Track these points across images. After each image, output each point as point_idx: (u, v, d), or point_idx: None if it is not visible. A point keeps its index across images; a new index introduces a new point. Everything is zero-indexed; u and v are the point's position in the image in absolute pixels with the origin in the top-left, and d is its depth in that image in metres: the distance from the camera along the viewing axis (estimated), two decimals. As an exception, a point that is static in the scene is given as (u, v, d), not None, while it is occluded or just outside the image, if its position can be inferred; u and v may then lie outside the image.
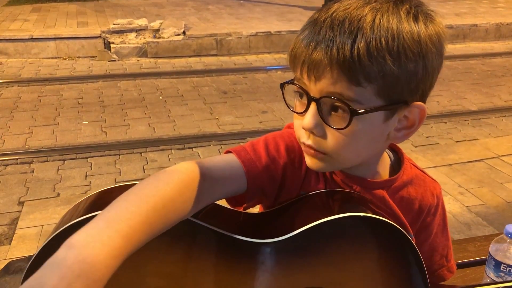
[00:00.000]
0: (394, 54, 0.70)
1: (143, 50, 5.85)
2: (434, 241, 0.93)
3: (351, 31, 0.70)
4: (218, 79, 5.24)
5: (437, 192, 0.92)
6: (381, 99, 0.73)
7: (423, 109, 0.77)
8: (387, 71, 0.70)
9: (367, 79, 0.70)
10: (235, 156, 0.80)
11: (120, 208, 0.62)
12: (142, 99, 4.60)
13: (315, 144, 0.77)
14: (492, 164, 3.40)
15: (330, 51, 0.70)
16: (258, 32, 6.15)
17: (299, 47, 0.74)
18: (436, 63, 0.76)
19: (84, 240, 0.56)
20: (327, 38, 0.70)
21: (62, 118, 4.12)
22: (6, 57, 5.73)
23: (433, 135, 3.89)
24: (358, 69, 0.69)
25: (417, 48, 0.72)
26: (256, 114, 4.27)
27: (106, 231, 0.58)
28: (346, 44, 0.69)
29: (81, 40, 5.84)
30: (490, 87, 5.08)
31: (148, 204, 0.64)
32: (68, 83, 4.99)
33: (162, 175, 0.70)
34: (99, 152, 3.54)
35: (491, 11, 7.82)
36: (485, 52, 6.40)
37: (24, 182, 3.12)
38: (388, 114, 0.75)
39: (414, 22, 0.73)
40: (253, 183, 0.80)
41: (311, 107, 0.74)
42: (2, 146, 3.61)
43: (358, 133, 0.75)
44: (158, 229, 0.65)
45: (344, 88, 0.71)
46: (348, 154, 0.78)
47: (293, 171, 0.83)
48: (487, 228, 2.66)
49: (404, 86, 0.73)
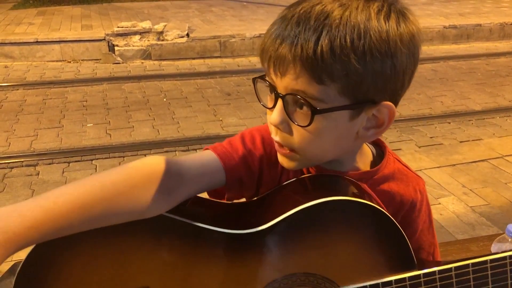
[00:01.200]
0: (359, 53, 0.68)
1: (147, 52, 5.87)
2: (420, 238, 0.92)
3: (316, 28, 0.69)
4: (222, 81, 5.26)
5: (420, 188, 0.91)
6: (345, 97, 0.72)
7: (391, 109, 0.75)
8: (351, 70, 0.69)
9: (330, 77, 0.69)
10: (212, 151, 0.81)
11: (59, 189, 0.66)
12: (146, 101, 4.62)
13: (281, 140, 0.77)
14: (496, 164, 3.39)
15: (294, 47, 0.69)
16: (262, 34, 6.15)
17: (267, 42, 0.74)
18: (408, 63, 0.74)
19: (5, 212, 0.61)
20: (292, 35, 0.70)
21: (67, 121, 4.15)
22: (12, 60, 5.77)
23: (437, 135, 3.89)
24: (321, 67, 0.68)
25: (385, 47, 0.70)
26: (259, 116, 4.28)
27: (30, 204, 0.62)
28: (310, 41, 0.68)
29: (85, 43, 5.87)
30: (494, 87, 5.07)
31: (85, 187, 0.66)
32: (73, 86, 5.02)
33: (124, 166, 0.72)
34: (104, 154, 3.55)
35: (495, 10, 7.79)
36: (489, 52, 6.38)
37: (30, 184, 3.14)
38: (353, 113, 0.74)
39: (385, 20, 0.71)
40: (231, 175, 0.81)
41: (278, 103, 0.75)
42: (7, 149, 3.63)
43: (323, 130, 0.74)
44: (96, 215, 0.66)
45: (307, 86, 0.71)
46: (314, 150, 0.77)
47: (269, 164, 0.84)
48: (491, 228, 2.66)
49: (370, 85, 0.71)
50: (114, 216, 0.68)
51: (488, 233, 2.55)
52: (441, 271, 0.77)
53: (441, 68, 5.59)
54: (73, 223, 0.65)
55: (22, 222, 0.60)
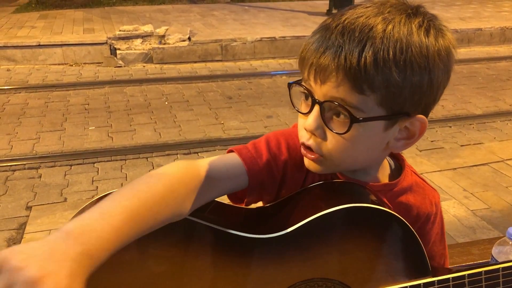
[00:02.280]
0: (400, 66, 0.71)
1: (148, 56, 5.89)
2: (432, 249, 0.94)
3: (360, 40, 0.71)
4: (223, 84, 5.27)
5: (436, 201, 0.93)
6: (383, 108, 0.74)
7: (424, 122, 0.78)
8: (392, 82, 0.71)
9: (370, 88, 0.71)
10: (237, 154, 0.82)
11: (114, 202, 0.64)
12: (148, 104, 4.64)
13: (314, 145, 0.78)
14: (497, 168, 3.40)
15: (338, 57, 0.71)
16: (263, 38, 6.18)
17: (308, 50, 0.75)
18: (442, 78, 0.77)
19: (80, 229, 0.58)
20: (336, 44, 0.72)
21: (69, 124, 4.17)
22: (14, 63, 5.79)
23: (438, 139, 3.90)
24: (363, 77, 0.70)
25: (424, 62, 0.73)
26: (261, 119, 4.29)
27: (100, 222, 0.60)
28: (354, 52, 0.70)
29: (87, 47, 5.89)
30: (495, 91, 5.08)
31: (140, 200, 0.66)
32: (75, 89, 5.04)
33: (155, 173, 0.72)
34: (106, 157, 3.57)
35: (496, 15, 7.81)
36: (490, 56, 6.40)
37: (32, 187, 3.15)
38: (388, 124, 0.76)
39: (425, 35, 0.73)
40: (254, 180, 0.82)
41: (315, 109, 0.76)
42: (10, 152, 3.65)
43: (357, 139, 0.76)
44: (149, 224, 0.66)
45: (347, 94, 0.72)
46: (345, 158, 0.79)
47: (294, 169, 0.85)
48: (492, 232, 2.66)
49: (408, 98, 0.74)
50: (161, 222, 0.69)
51: (489, 237, 2.55)
52: (455, 278, 0.78)
53: (442, 72, 5.61)
54: (133, 237, 0.64)
55: (102, 244, 0.58)
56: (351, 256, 0.79)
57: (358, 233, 0.79)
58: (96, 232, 0.58)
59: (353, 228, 0.79)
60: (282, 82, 5.31)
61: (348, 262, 0.79)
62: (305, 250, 0.78)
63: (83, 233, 0.57)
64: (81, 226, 0.58)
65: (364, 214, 0.77)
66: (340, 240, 0.78)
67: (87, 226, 0.58)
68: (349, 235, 0.79)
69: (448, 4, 8.69)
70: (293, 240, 0.77)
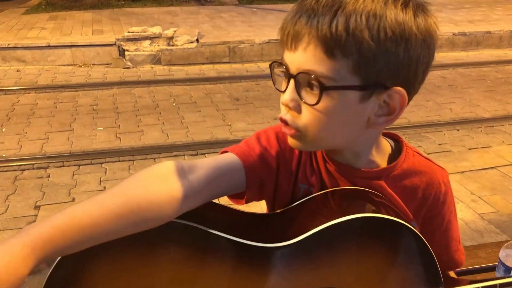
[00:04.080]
0: (373, 31, 0.70)
1: (157, 57, 5.92)
2: (447, 228, 0.92)
3: (333, 5, 0.72)
4: (231, 86, 5.28)
5: (444, 180, 0.91)
6: (356, 77, 0.72)
7: (403, 95, 0.75)
8: (364, 46, 0.70)
9: (342, 52, 0.71)
10: (230, 151, 0.83)
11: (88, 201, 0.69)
12: (156, 105, 4.66)
13: (290, 119, 0.78)
14: (505, 171, 3.38)
15: (311, 21, 0.72)
16: (271, 40, 6.18)
17: (286, 20, 0.77)
18: (422, 52, 0.75)
19: (39, 222, 0.64)
20: (310, 9, 0.73)
21: (78, 124, 4.19)
22: (24, 64, 5.84)
23: (446, 142, 3.88)
24: (334, 40, 0.70)
25: (399, 30, 0.72)
26: (268, 121, 4.29)
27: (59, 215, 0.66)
28: (326, 16, 0.71)
29: (96, 48, 5.93)
30: (504, 94, 5.04)
31: (109, 205, 0.68)
32: (84, 90, 5.08)
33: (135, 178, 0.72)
34: (114, 158, 3.59)
35: (505, 18, 7.76)
36: (498, 59, 6.36)
37: (40, 186, 3.17)
38: (364, 95, 0.74)
39: (402, 8, 0.73)
40: (251, 173, 0.82)
41: (290, 83, 0.77)
42: (19, 151, 3.68)
43: (331, 110, 0.74)
44: (118, 229, 0.67)
45: (318, 62, 0.72)
46: (322, 132, 0.77)
47: (284, 159, 0.85)
48: (500, 236, 2.65)
49: (383, 66, 0.72)
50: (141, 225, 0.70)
51: (497, 241, 2.54)
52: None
53: (450, 75, 5.57)
54: (101, 233, 0.67)
55: (47, 227, 0.63)
56: (359, 266, 0.78)
57: (366, 244, 0.78)
58: (49, 220, 0.64)
59: (361, 239, 0.78)
60: (290, 84, 5.31)
61: (356, 272, 0.79)
62: (315, 259, 0.77)
63: (33, 227, 0.63)
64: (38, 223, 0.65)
65: (372, 224, 0.76)
66: (348, 250, 0.78)
67: (41, 223, 0.64)
68: (357, 245, 0.78)
69: (457, 7, 8.65)
70: (303, 249, 0.76)
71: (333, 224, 0.75)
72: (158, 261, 0.74)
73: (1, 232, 2.69)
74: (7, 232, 2.69)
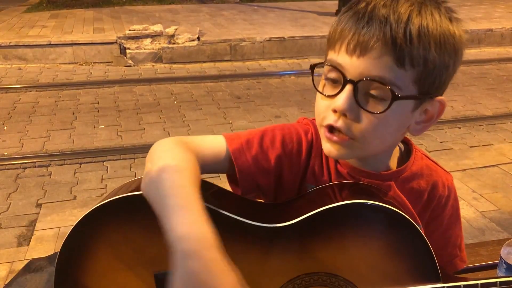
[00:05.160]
0: (437, 42, 0.73)
1: (158, 55, 5.92)
2: (446, 232, 0.93)
3: (404, 12, 0.72)
4: (232, 84, 5.28)
5: (449, 183, 0.92)
6: (416, 87, 0.74)
7: (444, 104, 0.79)
8: (430, 58, 0.72)
9: (411, 62, 0.72)
10: (227, 143, 0.83)
11: (175, 188, 0.68)
12: (157, 103, 4.66)
13: (344, 127, 0.76)
14: (506, 169, 3.37)
15: (383, 29, 0.71)
16: (272, 38, 6.18)
17: (343, 28, 0.75)
18: (459, 64, 0.79)
19: (184, 235, 0.64)
20: (380, 17, 0.72)
21: (79, 122, 4.20)
22: (25, 62, 5.85)
23: (447, 140, 3.87)
24: (407, 48, 0.71)
25: (453, 42, 0.75)
26: (269, 119, 4.29)
27: (188, 213, 0.65)
28: (400, 25, 0.71)
29: (97, 46, 5.93)
30: (506, 92, 5.04)
31: (185, 171, 0.71)
32: (85, 88, 5.08)
33: (164, 151, 0.76)
34: (115, 156, 3.59)
35: (507, 15, 7.74)
36: (500, 57, 6.35)
37: (42, 185, 3.18)
38: (416, 104, 0.77)
39: (453, 23, 0.76)
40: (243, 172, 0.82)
41: (346, 89, 0.74)
42: (20, 150, 3.68)
43: (390, 118, 0.75)
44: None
45: (386, 70, 0.72)
46: (375, 140, 0.78)
47: (290, 162, 0.85)
48: (501, 233, 2.64)
49: (437, 78, 0.75)
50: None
51: (498, 239, 2.54)
52: (466, 286, 0.76)
53: (452, 73, 5.58)
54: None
55: (208, 228, 0.66)
56: (357, 253, 0.79)
57: (364, 231, 0.79)
58: (198, 225, 0.65)
59: (360, 225, 0.79)
60: (291, 82, 5.31)
61: (354, 259, 0.79)
62: (310, 242, 0.78)
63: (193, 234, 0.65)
64: (188, 229, 0.65)
65: (371, 211, 0.77)
66: (347, 236, 0.78)
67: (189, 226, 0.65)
68: (355, 232, 0.79)
69: (459, 4, 8.62)
70: (299, 231, 0.77)
71: (329, 207, 0.76)
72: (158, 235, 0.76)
73: (3, 230, 2.70)
74: (9, 230, 2.70)
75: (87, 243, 0.77)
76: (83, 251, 0.78)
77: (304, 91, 4.98)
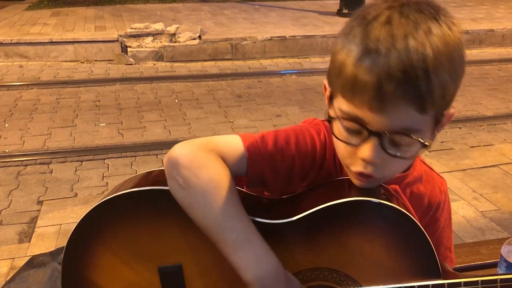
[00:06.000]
0: (453, 80, 0.73)
1: (159, 54, 5.92)
2: (440, 234, 0.96)
3: (418, 61, 0.68)
4: (233, 83, 5.29)
5: (444, 188, 0.96)
6: (435, 118, 0.76)
7: (452, 114, 0.80)
8: (449, 94, 0.73)
9: (432, 106, 0.71)
10: (242, 140, 0.83)
11: (227, 220, 0.75)
12: (158, 102, 4.67)
13: (374, 172, 0.77)
14: (507, 169, 3.38)
15: (404, 87, 0.68)
16: (273, 37, 6.18)
17: (364, 76, 0.70)
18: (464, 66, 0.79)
19: (260, 273, 0.74)
20: (398, 73, 0.68)
21: (80, 120, 4.20)
22: (26, 60, 5.85)
23: (448, 140, 3.88)
24: (430, 98, 0.70)
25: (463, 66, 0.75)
26: (270, 118, 4.30)
27: (251, 248, 0.75)
28: (421, 80, 0.68)
29: (98, 44, 5.93)
30: (506, 92, 5.04)
31: (227, 197, 0.76)
32: (86, 86, 5.08)
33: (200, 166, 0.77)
34: (116, 154, 3.60)
35: (508, 16, 7.74)
36: (501, 58, 6.35)
37: (43, 182, 3.19)
38: (435, 128, 0.79)
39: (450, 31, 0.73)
40: (253, 169, 0.82)
41: (372, 140, 0.73)
42: (22, 147, 3.69)
43: (415, 154, 0.80)
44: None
45: (410, 120, 0.71)
46: (397, 172, 0.84)
47: (302, 163, 0.85)
48: (502, 233, 2.65)
49: (453, 94, 0.76)
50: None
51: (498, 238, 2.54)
52: (466, 283, 0.76)
53: (453, 73, 5.57)
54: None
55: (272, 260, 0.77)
56: (359, 249, 0.80)
57: (366, 228, 0.80)
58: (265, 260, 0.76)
59: (362, 222, 0.79)
60: (292, 82, 5.32)
61: (356, 255, 0.80)
62: (312, 238, 0.79)
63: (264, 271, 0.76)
64: (257, 270, 0.75)
65: (373, 208, 0.78)
66: (349, 232, 0.79)
67: (258, 264, 0.76)
68: (357, 228, 0.79)
69: (460, 4, 8.62)
70: (301, 227, 0.78)
71: (332, 204, 0.77)
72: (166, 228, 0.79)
73: (4, 227, 2.71)
74: (10, 227, 2.71)
75: (92, 237, 0.79)
76: (89, 246, 0.79)
77: (305, 90, 4.99)
